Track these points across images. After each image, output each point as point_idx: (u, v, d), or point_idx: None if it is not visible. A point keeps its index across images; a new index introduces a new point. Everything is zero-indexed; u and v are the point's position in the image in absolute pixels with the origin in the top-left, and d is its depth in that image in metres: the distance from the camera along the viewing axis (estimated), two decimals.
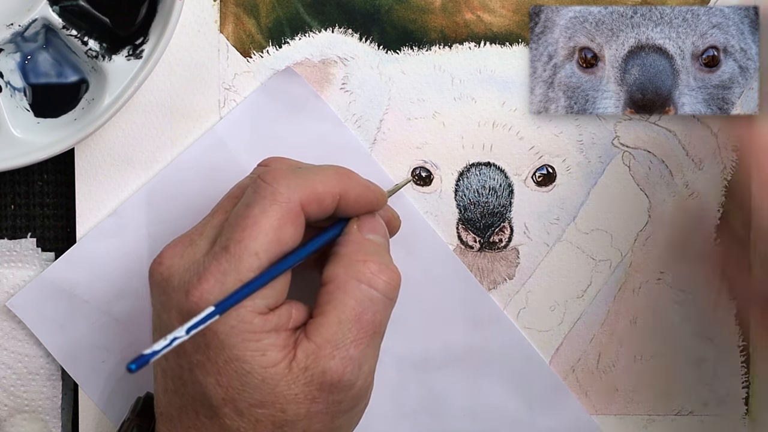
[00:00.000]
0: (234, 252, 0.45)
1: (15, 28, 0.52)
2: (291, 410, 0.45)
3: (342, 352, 0.45)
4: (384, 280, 0.47)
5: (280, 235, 0.45)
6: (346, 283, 0.46)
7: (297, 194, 0.46)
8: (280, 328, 0.45)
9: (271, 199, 0.45)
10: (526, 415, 0.56)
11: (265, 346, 0.45)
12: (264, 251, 0.45)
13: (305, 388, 0.45)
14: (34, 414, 0.57)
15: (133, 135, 0.56)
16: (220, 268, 0.44)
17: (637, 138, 0.56)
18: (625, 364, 0.57)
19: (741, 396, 0.57)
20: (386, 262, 0.48)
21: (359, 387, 0.46)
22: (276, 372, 0.45)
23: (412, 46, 0.56)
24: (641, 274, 0.56)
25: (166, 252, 0.47)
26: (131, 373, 0.42)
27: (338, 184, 0.47)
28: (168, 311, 0.46)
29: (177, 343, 0.43)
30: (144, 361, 0.42)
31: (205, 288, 0.44)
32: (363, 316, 0.46)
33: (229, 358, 0.45)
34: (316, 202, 0.47)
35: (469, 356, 0.56)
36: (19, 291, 0.56)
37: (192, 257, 0.46)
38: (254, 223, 0.45)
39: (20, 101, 0.54)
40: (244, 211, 0.45)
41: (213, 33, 0.56)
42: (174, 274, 0.46)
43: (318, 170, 0.48)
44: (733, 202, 0.56)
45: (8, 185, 0.57)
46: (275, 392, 0.45)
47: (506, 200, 0.56)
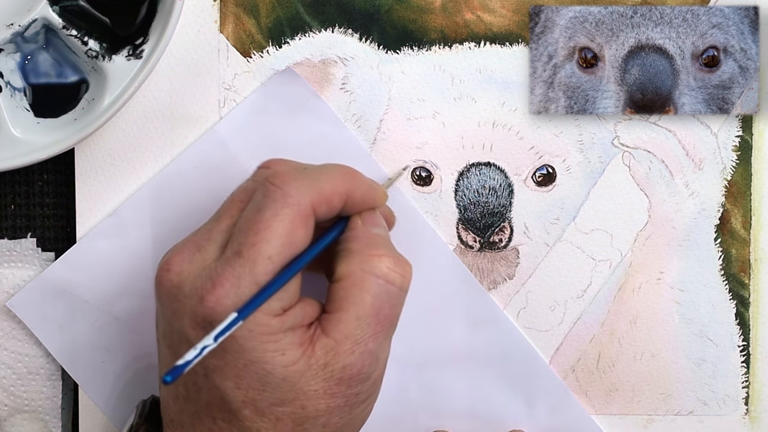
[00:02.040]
0: (248, 256, 0.45)
1: (15, 28, 0.52)
2: (311, 406, 0.45)
3: (361, 347, 0.46)
4: (399, 273, 0.47)
5: (292, 238, 0.45)
6: (363, 279, 0.46)
7: (307, 196, 0.46)
8: (296, 326, 0.46)
9: (283, 202, 0.45)
10: (526, 415, 0.56)
11: (284, 345, 0.45)
12: (277, 254, 0.45)
13: (324, 384, 0.45)
14: (34, 414, 0.57)
15: (133, 135, 0.56)
16: (234, 272, 0.44)
17: (637, 138, 0.56)
18: (625, 364, 0.57)
19: (741, 396, 0.57)
20: (398, 255, 0.48)
21: (375, 377, 0.47)
22: (296, 370, 0.45)
23: (412, 46, 0.56)
24: (641, 274, 0.56)
25: (174, 258, 0.46)
26: (167, 384, 0.42)
27: (344, 183, 0.48)
28: (180, 318, 0.45)
29: (207, 352, 0.43)
30: (179, 372, 0.42)
31: (220, 293, 0.44)
32: (381, 311, 0.46)
33: (249, 360, 0.45)
34: (326, 204, 0.47)
35: (469, 356, 0.56)
36: (19, 291, 0.56)
37: (202, 263, 0.46)
38: (267, 227, 0.45)
39: (20, 101, 0.54)
40: (255, 215, 0.45)
41: (213, 33, 0.56)
42: (185, 280, 0.45)
43: (324, 171, 0.48)
44: (733, 202, 0.56)
45: (8, 185, 0.57)
46: (295, 389, 0.45)
47: (506, 200, 0.56)
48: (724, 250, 0.56)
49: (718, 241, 0.56)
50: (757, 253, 0.56)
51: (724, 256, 0.56)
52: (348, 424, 0.47)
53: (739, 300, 0.56)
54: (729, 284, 0.56)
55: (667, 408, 0.57)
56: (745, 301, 0.56)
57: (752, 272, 0.56)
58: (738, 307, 0.56)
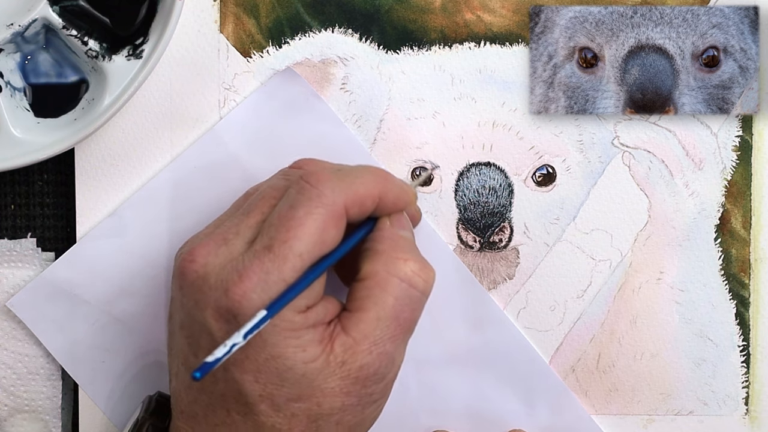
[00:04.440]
0: (278, 252, 0.45)
1: (15, 28, 0.52)
2: (327, 404, 0.46)
3: (379, 348, 0.46)
4: (423, 278, 0.47)
5: (324, 237, 0.45)
6: (387, 281, 0.47)
7: (341, 197, 0.46)
8: (318, 323, 0.46)
9: (317, 201, 0.46)
10: (526, 415, 0.56)
11: (305, 342, 0.45)
12: (308, 252, 0.45)
13: (341, 382, 0.46)
14: (34, 414, 0.57)
15: (133, 135, 0.56)
16: (263, 267, 0.44)
17: (637, 138, 0.56)
18: (625, 364, 0.57)
19: (741, 396, 0.57)
20: (423, 260, 0.48)
21: (389, 379, 0.47)
22: (315, 367, 0.45)
23: (412, 46, 0.56)
24: (641, 274, 0.56)
25: (198, 250, 0.46)
26: (196, 380, 0.42)
27: (377, 186, 0.48)
28: (203, 309, 0.45)
29: (236, 349, 0.43)
30: (208, 368, 0.42)
31: (248, 286, 0.44)
32: (401, 314, 0.47)
33: (271, 355, 0.45)
34: (358, 205, 0.47)
35: (469, 356, 0.56)
36: (19, 291, 0.56)
37: (229, 255, 0.46)
38: (300, 225, 0.45)
39: (20, 101, 0.54)
40: (288, 212, 0.45)
41: (213, 33, 0.56)
42: (210, 272, 0.45)
43: (358, 172, 0.48)
44: (733, 202, 0.56)
45: (8, 185, 0.57)
46: (313, 386, 0.45)
47: (506, 200, 0.56)
48: (724, 250, 0.56)
49: (718, 241, 0.56)
50: (757, 253, 0.56)
51: (724, 256, 0.56)
52: (359, 423, 0.47)
53: (739, 300, 0.56)
54: (729, 284, 0.56)
55: (667, 408, 0.57)
56: (745, 301, 0.56)
57: (752, 272, 0.56)
58: (738, 307, 0.56)
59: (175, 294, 0.48)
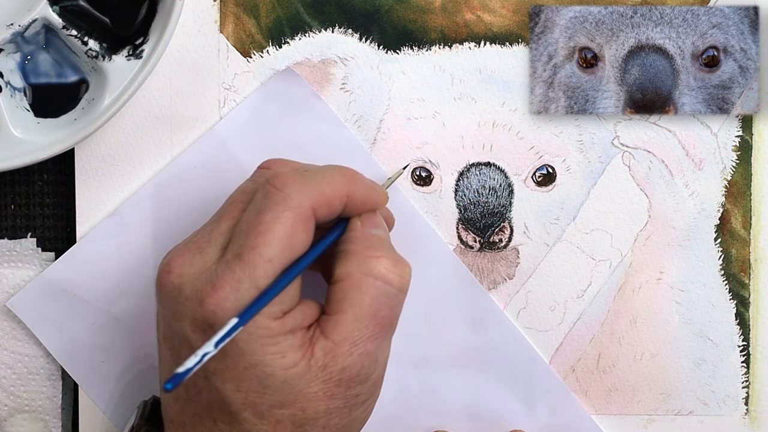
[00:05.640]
0: (248, 259, 0.44)
1: (15, 28, 0.52)
2: (311, 408, 0.45)
3: (360, 349, 0.46)
4: (398, 274, 0.47)
5: (293, 241, 0.45)
6: (361, 281, 0.46)
7: (308, 199, 0.46)
8: (295, 328, 0.46)
9: (283, 205, 0.45)
10: (526, 415, 0.56)
11: (284, 348, 0.45)
12: (278, 257, 0.45)
13: (324, 386, 0.45)
14: (34, 414, 0.57)
15: (134, 135, 0.56)
16: (234, 275, 0.44)
17: (637, 138, 0.56)
18: (625, 364, 0.57)
19: (741, 396, 0.57)
20: (396, 256, 0.48)
21: (375, 378, 0.47)
22: (296, 372, 0.45)
23: (412, 46, 0.56)
24: (641, 274, 0.56)
25: (175, 260, 0.46)
26: (168, 392, 0.42)
27: (344, 186, 0.47)
28: (180, 320, 0.45)
29: (207, 358, 0.43)
30: (179, 379, 0.42)
31: (220, 296, 0.44)
32: (379, 312, 0.46)
33: (249, 363, 0.45)
34: (326, 206, 0.47)
35: (469, 356, 0.56)
36: (19, 291, 0.56)
37: (203, 265, 0.46)
38: (267, 230, 0.45)
39: (20, 101, 0.54)
40: (255, 217, 0.45)
41: (213, 33, 0.56)
42: (185, 282, 0.45)
43: (324, 173, 0.48)
44: (733, 202, 0.56)
45: (8, 185, 0.57)
46: (295, 392, 0.45)
47: (506, 200, 0.56)
48: (724, 250, 0.56)
49: (718, 241, 0.56)
50: (757, 253, 0.56)
51: (724, 256, 0.56)
52: (348, 425, 0.47)
53: (739, 300, 0.56)
54: (729, 284, 0.56)
55: (667, 408, 0.57)
56: (745, 301, 0.56)
57: (752, 272, 0.56)
58: (738, 307, 0.56)
59: (158, 305, 0.48)
